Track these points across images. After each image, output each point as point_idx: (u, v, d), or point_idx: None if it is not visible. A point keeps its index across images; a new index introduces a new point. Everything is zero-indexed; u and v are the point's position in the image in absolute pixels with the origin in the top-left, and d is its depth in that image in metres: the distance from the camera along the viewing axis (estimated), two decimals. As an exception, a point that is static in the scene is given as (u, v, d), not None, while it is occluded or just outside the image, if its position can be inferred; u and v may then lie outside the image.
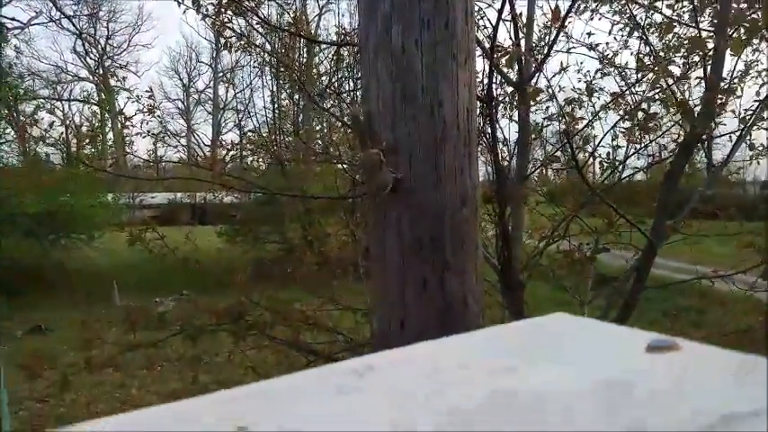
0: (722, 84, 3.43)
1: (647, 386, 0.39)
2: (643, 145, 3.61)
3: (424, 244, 1.83)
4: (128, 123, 5.13)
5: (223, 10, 3.95)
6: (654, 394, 0.38)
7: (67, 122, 29.97)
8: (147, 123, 5.14)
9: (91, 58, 32.29)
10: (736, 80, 3.70)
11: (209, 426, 0.39)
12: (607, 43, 4.24)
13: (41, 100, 22.42)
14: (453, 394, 0.40)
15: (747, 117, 3.52)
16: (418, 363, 0.46)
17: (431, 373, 0.44)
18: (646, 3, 3.76)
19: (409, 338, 1.83)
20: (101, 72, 32.02)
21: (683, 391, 0.39)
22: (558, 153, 3.65)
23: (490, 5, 3.30)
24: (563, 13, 2.99)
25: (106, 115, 26.83)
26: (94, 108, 29.69)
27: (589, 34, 4.01)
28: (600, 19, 4.01)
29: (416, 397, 0.40)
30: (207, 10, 3.97)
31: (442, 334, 1.70)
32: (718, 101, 3.30)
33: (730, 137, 3.68)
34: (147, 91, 5.11)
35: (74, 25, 28.49)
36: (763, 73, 3.92)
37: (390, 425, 0.37)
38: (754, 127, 3.69)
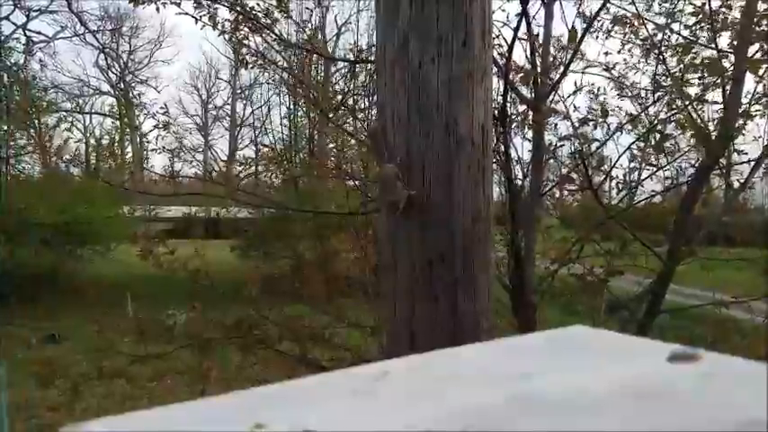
0: (741, 107, 3.40)
1: (669, 394, 0.39)
2: (659, 167, 3.59)
3: (435, 261, 1.82)
4: (143, 140, 5.23)
5: (240, 27, 4.03)
6: (676, 402, 0.38)
7: (88, 135, 30.51)
8: (163, 139, 5.22)
9: (113, 73, 32.97)
10: (755, 102, 3.66)
11: (225, 423, 0.40)
12: (625, 60, 4.23)
13: (63, 113, 22.86)
14: (471, 397, 0.40)
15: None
16: (435, 368, 0.46)
17: (448, 378, 0.43)
18: (661, 23, 3.76)
19: (419, 356, 1.82)
20: (122, 86, 32.66)
21: (704, 399, 0.38)
22: (573, 174, 3.64)
23: (506, 24, 3.32)
24: (579, 34, 3.00)
25: (126, 129, 27.30)
26: (116, 122, 30.24)
27: (606, 54, 4.01)
28: (608, 38, 4.01)
29: (433, 399, 0.40)
30: (224, 27, 4.05)
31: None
32: (737, 124, 3.28)
33: (749, 161, 3.64)
34: (161, 107, 5.19)
35: (97, 40, 29.15)
36: None
37: (405, 425, 0.37)
38: None
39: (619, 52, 4.29)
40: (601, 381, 0.41)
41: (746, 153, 3.71)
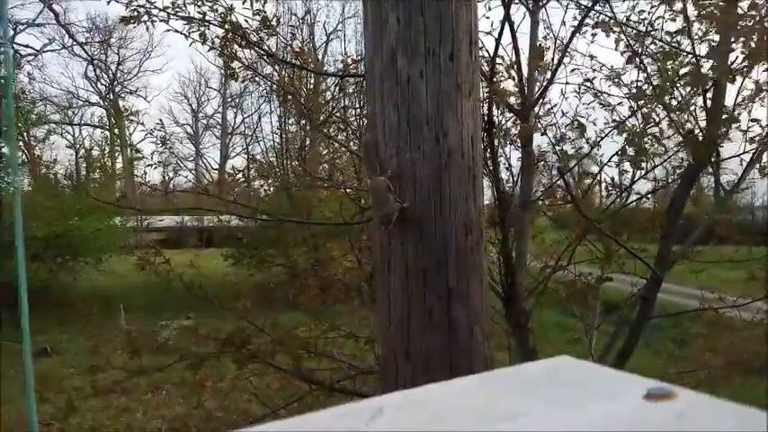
0: (724, 112, 3.43)
1: None
2: (647, 171, 3.61)
3: (429, 272, 1.84)
4: (134, 151, 5.24)
5: (229, 42, 4.02)
6: None
7: (78, 147, 30.33)
8: (160, 154, 5.22)
9: (102, 84, 32.81)
10: (742, 105, 3.68)
11: None
12: (611, 66, 4.24)
13: (53, 125, 22.72)
14: None
15: (758, 141, 3.50)
16: (426, 406, 0.47)
17: (438, 419, 0.44)
18: (642, 30, 3.78)
19: (415, 366, 1.83)
20: (111, 97, 32.50)
21: None
22: (557, 185, 3.66)
23: (489, 33, 3.32)
24: (564, 43, 3.04)
25: (116, 140, 27.18)
26: (106, 132, 30.12)
27: (591, 57, 4.03)
28: (594, 39, 3.99)
29: None
30: (213, 42, 4.04)
31: (448, 363, 1.70)
32: (721, 130, 3.30)
33: (741, 160, 3.66)
34: (157, 123, 5.20)
35: (85, 51, 28.99)
36: None
37: None
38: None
39: (615, 48, 4.24)
40: (583, 420, 0.43)
41: (723, 148, 3.74)
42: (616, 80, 4.05)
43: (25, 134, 17.20)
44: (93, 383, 4.07)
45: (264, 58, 4.40)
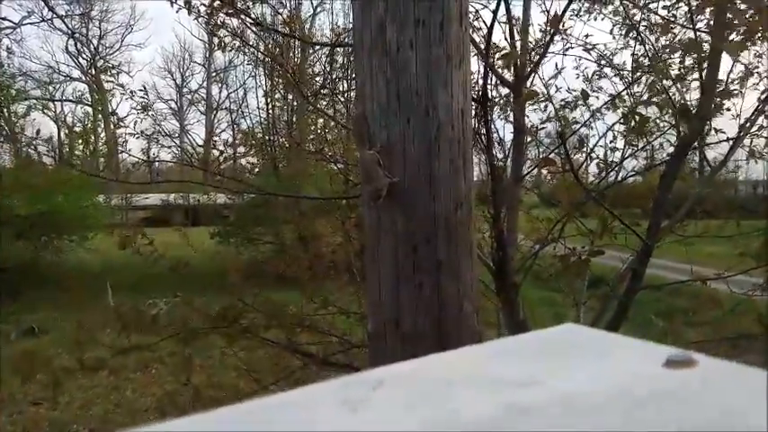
0: (719, 87, 3.41)
1: (668, 401, 0.39)
2: (639, 147, 3.60)
3: (418, 246, 1.82)
4: (120, 124, 5.11)
5: (216, 11, 3.92)
6: (675, 409, 0.38)
7: (59, 123, 29.80)
8: (141, 122, 5.13)
9: (83, 59, 32.14)
10: (736, 83, 3.67)
11: None
12: (605, 44, 4.20)
13: (33, 101, 22.23)
14: (467, 408, 0.39)
15: (746, 123, 3.51)
16: (431, 376, 0.45)
17: (444, 387, 0.43)
18: (641, 3, 3.74)
19: (404, 340, 1.83)
20: (93, 72, 31.87)
21: (703, 407, 0.38)
22: (554, 155, 3.64)
23: (485, 6, 3.28)
24: (559, 14, 2.99)
25: (98, 116, 26.73)
26: (87, 109, 29.59)
27: (587, 36, 3.99)
28: (597, 18, 3.95)
29: (430, 411, 0.39)
30: (199, 11, 3.94)
31: (437, 336, 1.69)
32: (715, 104, 3.29)
33: (728, 139, 3.66)
34: (140, 89, 5.09)
35: (66, 25, 28.34)
36: (764, 75, 3.88)
37: None
38: (752, 130, 3.67)
39: (611, 32, 4.24)
40: (598, 387, 0.41)
41: (725, 132, 3.74)
42: (610, 58, 4.02)
43: (5, 110, 16.80)
44: (80, 361, 4.04)
45: (252, 28, 4.30)
